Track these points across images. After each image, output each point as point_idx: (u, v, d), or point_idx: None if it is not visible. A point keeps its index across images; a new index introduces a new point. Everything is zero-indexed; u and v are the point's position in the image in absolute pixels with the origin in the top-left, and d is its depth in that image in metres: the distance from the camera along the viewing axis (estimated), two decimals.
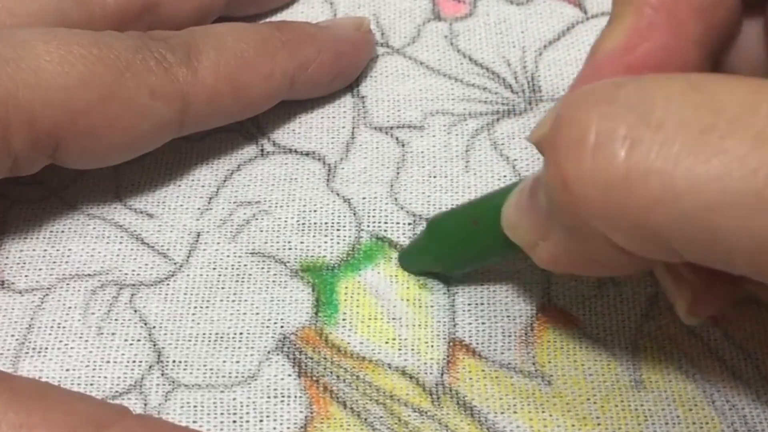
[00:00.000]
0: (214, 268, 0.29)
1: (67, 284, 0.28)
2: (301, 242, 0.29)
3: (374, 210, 0.30)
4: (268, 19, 0.35)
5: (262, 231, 0.30)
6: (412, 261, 0.29)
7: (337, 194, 0.30)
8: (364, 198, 0.30)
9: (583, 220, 0.19)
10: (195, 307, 0.28)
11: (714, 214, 0.17)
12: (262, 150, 0.31)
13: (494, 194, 0.25)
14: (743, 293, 0.27)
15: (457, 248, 0.27)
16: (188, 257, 0.29)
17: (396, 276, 0.29)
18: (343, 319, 0.28)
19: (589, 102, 0.19)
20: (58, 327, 0.27)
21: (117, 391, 0.26)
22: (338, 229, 0.30)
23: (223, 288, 0.28)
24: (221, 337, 0.27)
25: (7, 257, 0.29)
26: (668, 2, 0.22)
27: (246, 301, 0.28)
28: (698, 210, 0.17)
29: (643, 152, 0.18)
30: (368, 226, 0.30)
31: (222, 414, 0.26)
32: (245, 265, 0.29)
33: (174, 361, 0.27)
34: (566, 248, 0.22)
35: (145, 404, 0.26)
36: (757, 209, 0.17)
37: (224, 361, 0.27)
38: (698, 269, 0.22)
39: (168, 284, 0.28)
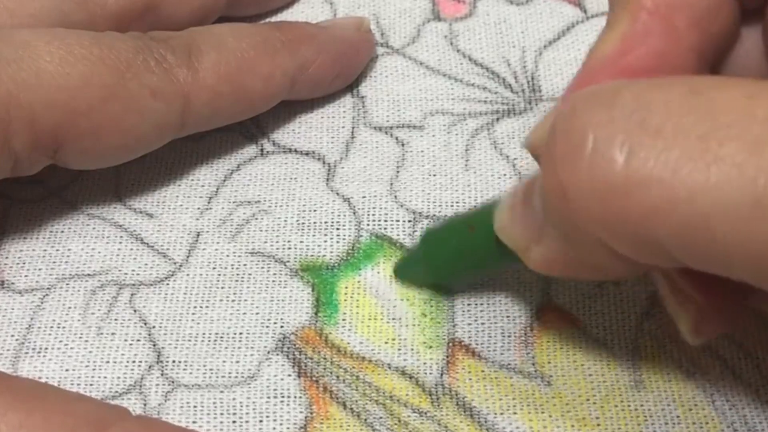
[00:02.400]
0: (214, 268, 0.29)
1: (67, 284, 0.28)
2: (301, 242, 0.29)
3: (374, 209, 0.30)
4: (268, 19, 0.35)
5: (261, 231, 0.30)
6: (407, 272, 0.28)
7: (337, 193, 0.30)
8: (363, 197, 0.30)
9: (581, 228, 0.19)
10: (195, 307, 0.28)
11: (713, 223, 0.17)
12: (261, 150, 0.31)
13: (492, 202, 0.25)
14: (747, 310, 0.27)
15: (453, 256, 0.27)
16: (188, 257, 0.29)
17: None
18: (343, 319, 0.28)
19: (585, 108, 0.19)
20: (58, 327, 0.27)
21: (117, 392, 0.26)
22: (338, 229, 0.30)
23: (222, 288, 0.28)
24: (221, 337, 0.27)
25: (7, 257, 0.29)
26: (664, 9, 0.22)
27: (246, 300, 0.28)
28: (698, 219, 0.17)
29: (641, 159, 0.18)
30: (368, 225, 0.30)
31: (222, 414, 0.26)
32: (245, 265, 0.29)
33: (174, 361, 0.27)
34: (560, 252, 0.22)
35: (145, 404, 0.26)
36: (756, 217, 0.17)
37: (224, 361, 0.27)
38: (701, 286, 0.22)
39: (168, 284, 0.28)
